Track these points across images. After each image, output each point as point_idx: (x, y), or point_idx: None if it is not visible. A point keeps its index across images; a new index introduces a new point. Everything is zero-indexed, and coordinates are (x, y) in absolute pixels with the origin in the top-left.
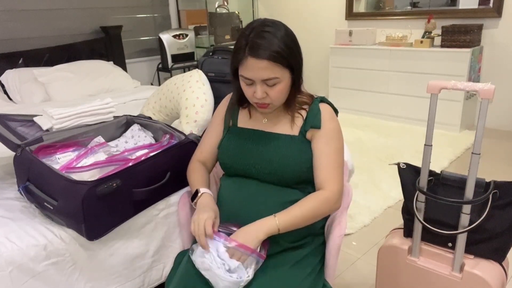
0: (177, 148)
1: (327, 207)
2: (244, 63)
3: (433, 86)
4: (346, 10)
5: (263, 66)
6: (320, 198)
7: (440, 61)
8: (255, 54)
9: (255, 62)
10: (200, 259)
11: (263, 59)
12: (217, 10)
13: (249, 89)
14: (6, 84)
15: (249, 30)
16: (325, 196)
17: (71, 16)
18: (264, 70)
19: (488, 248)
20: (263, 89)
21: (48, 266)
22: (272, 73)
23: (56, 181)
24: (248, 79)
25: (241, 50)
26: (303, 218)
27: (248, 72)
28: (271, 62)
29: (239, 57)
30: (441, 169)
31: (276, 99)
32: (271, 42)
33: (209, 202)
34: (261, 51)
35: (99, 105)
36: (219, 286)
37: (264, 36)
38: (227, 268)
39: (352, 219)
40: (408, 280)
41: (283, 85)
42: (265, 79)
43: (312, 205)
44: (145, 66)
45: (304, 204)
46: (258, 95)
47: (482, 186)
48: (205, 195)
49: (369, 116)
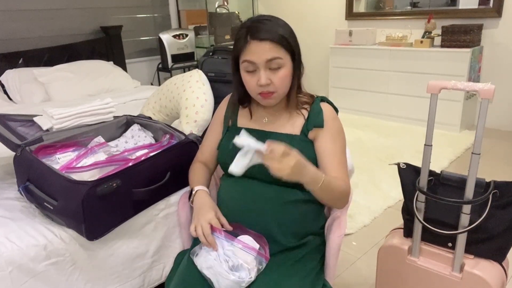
0: (177, 148)
1: (345, 199)
2: (247, 48)
3: (433, 86)
4: (346, 10)
5: (266, 47)
6: (345, 188)
7: (440, 61)
8: (257, 37)
9: (258, 44)
10: (204, 258)
11: (266, 40)
12: (217, 10)
13: (252, 78)
14: (6, 84)
15: (249, 21)
16: (346, 187)
17: (71, 16)
18: (268, 51)
19: (488, 248)
20: (267, 74)
21: (48, 266)
22: (276, 53)
23: (56, 181)
24: (252, 62)
25: (242, 38)
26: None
27: (252, 55)
28: (274, 43)
29: (240, 45)
30: (441, 169)
31: (280, 85)
32: (273, 26)
33: (206, 201)
34: (263, 33)
35: (99, 105)
36: (220, 285)
37: (265, 23)
38: (230, 265)
39: (352, 219)
40: (408, 280)
41: (286, 70)
42: (269, 59)
43: (340, 186)
44: (145, 66)
45: (339, 184)
46: (263, 80)
47: (482, 186)
48: (200, 193)
49: (369, 116)
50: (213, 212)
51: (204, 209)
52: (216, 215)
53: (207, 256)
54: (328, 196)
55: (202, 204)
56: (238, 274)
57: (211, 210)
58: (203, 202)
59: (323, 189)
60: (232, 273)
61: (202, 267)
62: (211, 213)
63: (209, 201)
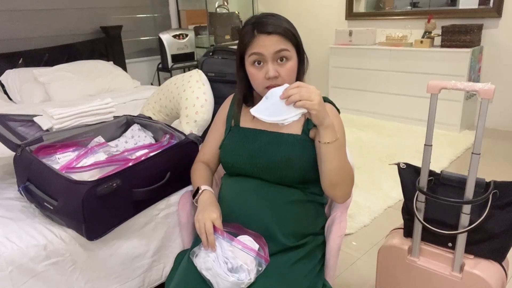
0: (177, 148)
1: (350, 180)
2: (255, 42)
3: (433, 86)
4: (346, 10)
5: (274, 40)
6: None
7: (440, 61)
8: (265, 31)
9: (266, 38)
10: (203, 259)
11: (274, 33)
12: (217, 10)
13: (259, 72)
14: (6, 84)
15: (253, 18)
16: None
17: (71, 16)
18: (275, 43)
19: (488, 248)
20: (275, 67)
21: (48, 266)
22: (283, 45)
23: (56, 181)
24: (260, 53)
25: (249, 33)
26: (344, 165)
27: (260, 47)
28: (281, 36)
29: (247, 39)
30: (441, 169)
31: (287, 78)
32: (277, 21)
33: (213, 201)
34: (270, 27)
35: (99, 105)
36: (219, 286)
37: (269, 18)
38: (229, 267)
39: (352, 219)
40: (408, 280)
41: (292, 62)
42: (277, 50)
43: (350, 168)
44: (145, 66)
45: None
46: (271, 73)
47: (482, 186)
48: (207, 193)
49: (369, 116)
50: (218, 212)
51: (210, 208)
52: (220, 217)
53: (206, 257)
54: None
55: (208, 204)
56: (237, 276)
57: (216, 210)
58: (209, 202)
59: (338, 147)
60: (232, 275)
61: (202, 268)
62: (216, 213)
63: (215, 202)
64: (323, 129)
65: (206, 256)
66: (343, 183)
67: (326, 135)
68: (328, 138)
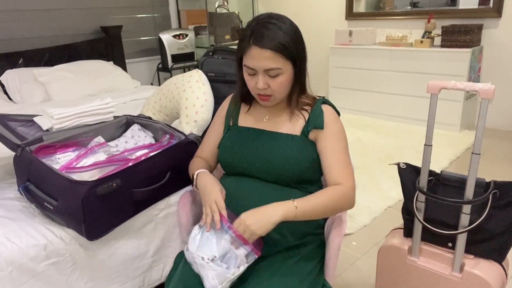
0: (177, 148)
1: (345, 202)
2: (248, 52)
3: (433, 86)
4: (346, 10)
5: (266, 55)
6: (339, 191)
7: (440, 61)
8: (259, 43)
9: (259, 51)
10: (189, 253)
11: (267, 48)
12: (217, 10)
13: (252, 79)
14: (6, 84)
15: (255, 21)
16: (343, 190)
17: (71, 16)
18: (267, 60)
19: (488, 248)
20: (265, 80)
21: (48, 266)
22: (274, 64)
23: (56, 181)
24: (251, 68)
25: (246, 39)
26: (322, 207)
27: (252, 61)
28: (274, 52)
29: (244, 45)
30: (441, 169)
31: (277, 91)
32: (276, 33)
33: (209, 178)
34: (265, 41)
35: (99, 105)
36: (208, 277)
37: (269, 27)
38: (220, 254)
39: (352, 219)
40: (408, 280)
41: (285, 77)
42: (267, 69)
43: (332, 196)
44: (145, 66)
45: (324, 194)
46: (260, 86)
47: (482, 186)
48: (201, 174)
49: (369, 116)
50: (218, 187)
51: (208, 187)
52: (221, 191)
53: (187, 252)
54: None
55: (206, 183)
56: (225, 266)
57: (216, 185)
58: (206, 180)
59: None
60: (219, 264)
61: (191, 262)
62: (216, 189)
63: (211, 178)
64: (281, 219)
65: (187, 252)
66: (342, 208)
67: (288, 217)
68: (292, 216)
